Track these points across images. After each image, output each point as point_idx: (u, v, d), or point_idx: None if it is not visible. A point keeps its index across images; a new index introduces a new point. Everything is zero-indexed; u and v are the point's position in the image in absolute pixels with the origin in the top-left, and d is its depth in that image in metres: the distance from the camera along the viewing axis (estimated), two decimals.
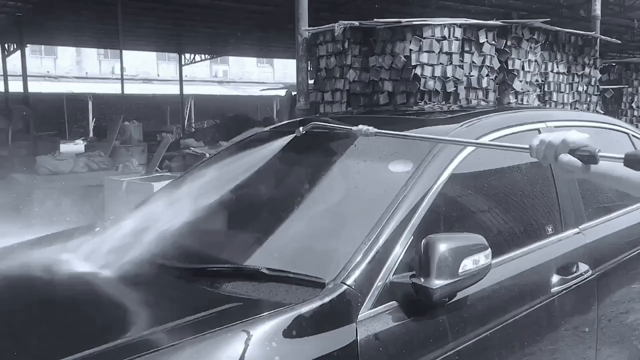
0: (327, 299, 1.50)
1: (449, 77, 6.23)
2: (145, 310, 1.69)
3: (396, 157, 1.99)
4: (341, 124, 1.94)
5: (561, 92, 7.84)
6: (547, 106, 7.43)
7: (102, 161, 10.92)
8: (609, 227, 2.42)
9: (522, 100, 7.08)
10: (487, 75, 6.58)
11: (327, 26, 6.55)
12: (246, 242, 1.97)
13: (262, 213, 2.12)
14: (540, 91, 7.51)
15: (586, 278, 2.14)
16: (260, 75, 32.61)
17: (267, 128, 2.80)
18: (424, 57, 6.08)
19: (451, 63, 6.24)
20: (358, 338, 1.49)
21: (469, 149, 1.96)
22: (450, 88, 6.22)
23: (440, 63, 6.17)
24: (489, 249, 1.65)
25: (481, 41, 6.47)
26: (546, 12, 13.27)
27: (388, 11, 11.76)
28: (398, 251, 1.65)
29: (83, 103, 26.93)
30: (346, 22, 6.34)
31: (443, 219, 1.84)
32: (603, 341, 2.26)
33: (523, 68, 7.02)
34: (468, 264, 1.59)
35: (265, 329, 1.41)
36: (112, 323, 1.59)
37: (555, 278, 2.04)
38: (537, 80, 7.36)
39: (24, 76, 15.82)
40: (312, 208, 2.01)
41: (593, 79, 8.37)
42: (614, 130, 2.80)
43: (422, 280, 1.54)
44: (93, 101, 26.80)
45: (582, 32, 8.16)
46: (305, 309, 1.47)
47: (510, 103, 6.87)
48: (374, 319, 1.54)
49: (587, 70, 8.23)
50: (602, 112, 8.02)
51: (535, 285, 2.00)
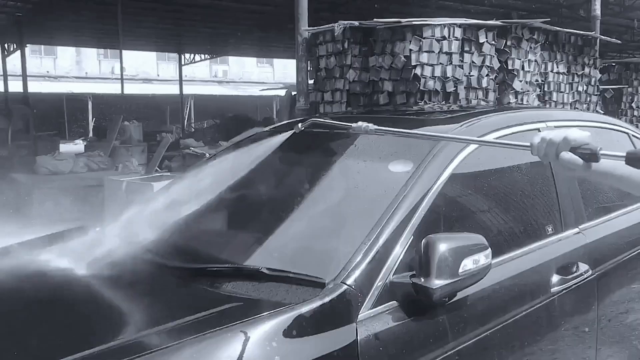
0: (327, 299, 1.50)
1: (449, 77, 6.23)
2: (145, 310, 1.69)
3: (396, 157, 1.99)
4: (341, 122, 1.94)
5: (561, 92, 7.85)
6: (547, 106, 7.43)
7: (102, 161, 10.93)
8: (609, 227, 2.42)
9: (522, 100, 7.08)
10: (487, 75, 6.58)
11: (327, 26, 6.55)
12: (246, 242, 1.97)
13: (263, 213, 2.12)
14: (540, 91, 7.51)
15: (586, 278, 2.14)
16: (260, 75, 32.60)
17: (267, 128, 2.80)
18: (424, 57, 6.09)
19: (451, 63, 6.24)
20: (358, 338, 1.49)
21: (469, 149, 1.96)
22: (450, 88, 6.23)
23: (440, 63, 6.17)
24: (489, 249, 1.65)
25: (481, 41, 6.47)
26: (546, 12, 13.28)
27: (388, 11, 11.76)
28: (398, 251, 1.65)
29: (83, 103, 26.93)
30: (346, 22, 6.34)
31: (443, 219, 1.84)
32: (603, 341, 2.26)
33: (523, 68, 7.02)
34: (468, 264, 1.59)
35: (265, 329, 1.41)
36: (113, 323, 1.59)
37: (555, 278, 2.04)
38: (537, 80, 7.36)
39: (24, 76, 15.82)
40: (313, 208, 2.01)
41: (593, 79, 8.37)
42: (614, 130, 2.80)
43: (422, 280, 1.54)
44: (93, 101, 26.79)
45: (582, 32, 8.16)
46: (305, 309, 1.47)
47: (510, 103, 6.87)
48: (374, 319, 1.54)
49: (587, 70, 8.23)
50: (602, 112, 8.02)
51: (535, 285, 2.00)
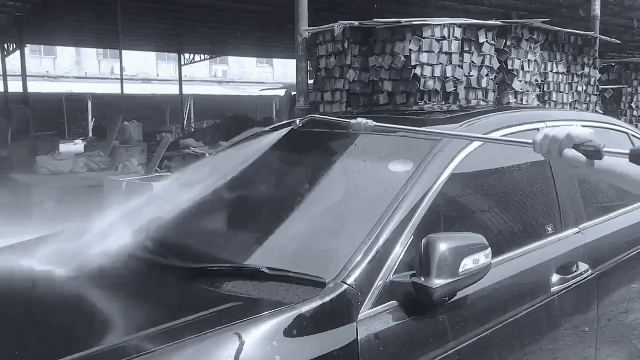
0: (328, 298, 1.50)
1: (449, 77, 6.23)
2: (145, 309, 1.69)
3: (396, 157, 1.99)
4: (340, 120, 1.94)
5: (560, 92, 7.85)
6: (547, 106, 7.44)
7: (102, 161, 10.91)
8: (609, 227, 2.42)
9: (522, 100, 7.08)
10: (487, 75, 6.58)
11: (327, 26, 6.56)
12: (246, 241, 1.97)
13: (263, 212, 2.12)
14: (539, 91, 7.52)
15: (586, 277, 2.15)
16: (259, 75, 32.59)
17: (267, 128, 2.80)
18: (424, 57, 6.09)
19: (451, 63, 6.25)
20: (358, 337, 1.49)
21: (469, 149, 1.96)
22: (449, 88, 6.23)
23: (439, 63, 6.18)
24: (489, 248, 1.65)
25: (481, 41, 6.48)
26: (546, 12, 13.28)
27: (388, 11, 11.76)
28: (398, 250, 1.65)
29: (82, 103, 26.91)
30: (346, 22, 6.34)
31: (443, 219, 1.84)
32: (603, 340, 2.26)
33: (522, 68, 7.03)
34: (468, 263, 1.59)
35: (265, 328, 1.41)
36: (113, 322, 1.59)
37: (555, 277, 2.04)
38: (537, 80, 7.37)
39: (23, 76, 15.82)
40: (313, 207, 2.01)
41: (592, 79, 8.38)
42: (614, 130, 2.80)
43: (422, 279, 1.54)
44: (92, 101, 26.77)
45: (582, 32, 8.16)
46: (305, 308, 1.47)
47: (509, 103, 6.88)
48: (374, 318, 1.54)
49: (587, 70, 8.24)
50: (602, 112, 8.03)
51: (535, 284, 2.00)
